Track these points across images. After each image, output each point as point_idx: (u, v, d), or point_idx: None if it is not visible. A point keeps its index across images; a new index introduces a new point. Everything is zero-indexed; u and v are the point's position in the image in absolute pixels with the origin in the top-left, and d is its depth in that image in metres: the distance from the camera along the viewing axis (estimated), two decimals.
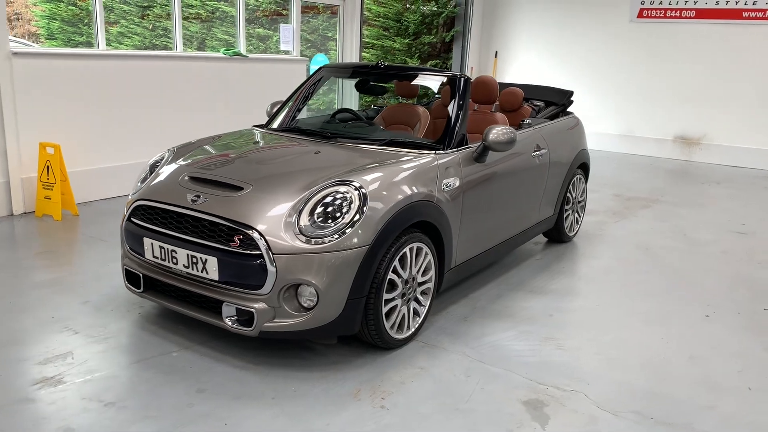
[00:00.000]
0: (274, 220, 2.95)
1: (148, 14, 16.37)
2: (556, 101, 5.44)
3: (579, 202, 5.48)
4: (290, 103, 4.50)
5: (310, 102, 4.73)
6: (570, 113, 5.51)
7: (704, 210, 6.83)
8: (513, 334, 3.60)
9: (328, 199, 3.04)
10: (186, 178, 3.33)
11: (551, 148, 4.74)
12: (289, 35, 7.95)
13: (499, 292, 4.22)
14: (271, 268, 2.87)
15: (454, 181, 3.59)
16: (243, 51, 7.41)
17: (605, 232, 5.80)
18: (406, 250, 3.23)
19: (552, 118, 5.21)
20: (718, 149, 9.95)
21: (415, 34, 11.88)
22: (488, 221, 4.02)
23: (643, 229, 5.93)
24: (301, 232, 2.93)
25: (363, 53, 12.28)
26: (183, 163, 3.54)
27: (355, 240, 2.95)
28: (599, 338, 3.61)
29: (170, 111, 6.39)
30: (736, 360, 3.42)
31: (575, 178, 5.28)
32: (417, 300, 3.43)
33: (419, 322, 3.46)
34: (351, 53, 8.98)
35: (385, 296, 3.14)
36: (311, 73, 8.69)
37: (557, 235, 5.28)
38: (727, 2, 9.63)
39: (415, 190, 3.29)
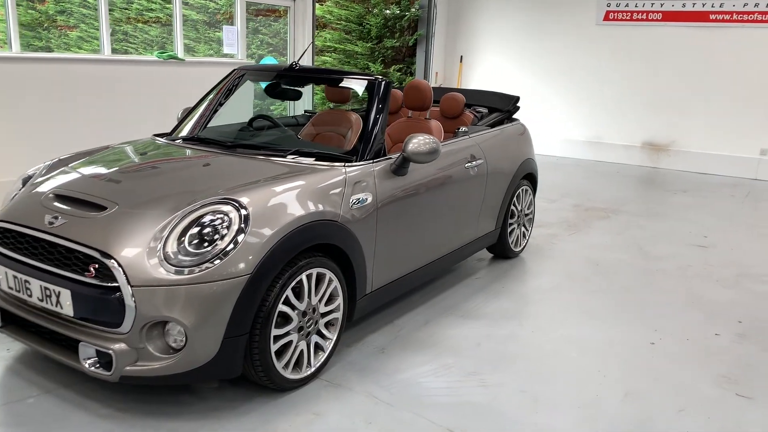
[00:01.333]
0: (137, 246, 2.53)
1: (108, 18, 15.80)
2: (501, 107, 5.07)
3: (526, 215, 5.12)
4: (201, 109, 4.09)
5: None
6: (516, 120, 5.14)
7: (666, 221, 6.49)
8: (432, 369, 3.21)
9: (205, 220, 2.63)
10: (50, 195, 2.91)
11: (490, 158, 4.37)
12: (233, 37, 7.54)
13: (427, 318, 3.82)
14: (129, 303, 2.45)
15: (366, 197, 3.20)
16: (180, 54, 6.98)
17: (557, 246, 5.43)
18: (303, 277, 2.83)
19: (495, 125, 4.85)
20: (687, 156, 9.66)
21: (378, 37, 11.50)
22: (412, 240, 3.63)
23: (597, 243, 5.57)
24: (167, 260, 2.51)
25: (324, 57, 11.89)
26: (53, 177, 3.11)
27: (233, 269, 2.54)
28: (527, 372, 3.23)
29: (82, 120, 5.89)
30: (678, 397, 3.05)
31: (520, 190, 4.91)
32: (320, 333, 3.03)
33: (323, 358, 3.05)
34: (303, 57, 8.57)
35: (276, 332, 2.73)
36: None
37: (501, 250, 4.91)
38: (694, 4, 9.36)
39: (314, 209, 2.89)
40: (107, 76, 6.06)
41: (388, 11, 11.29)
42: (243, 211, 2.64)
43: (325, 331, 3.05)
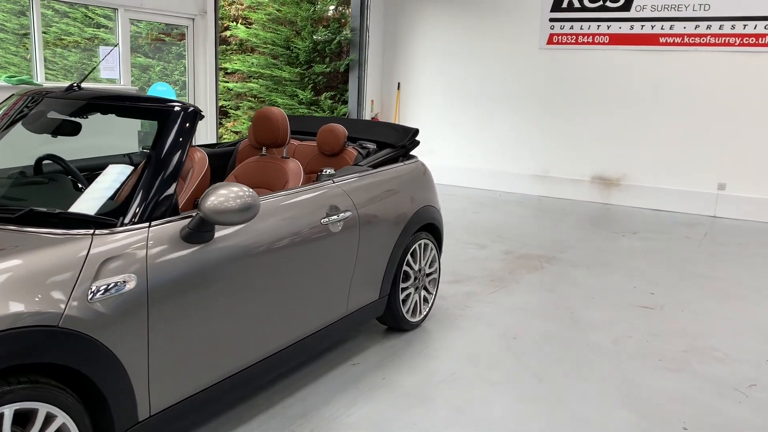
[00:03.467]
0: None
1: (26, 43, 14.71)
2: (394, 142, 4.09)
3: (428, 275, 4.10)
4: None
5: None
6: (413, 158, 4.16)
7: (608, 272, 5.54)
8: None
9: None
10: None
11: (366, 208, 3.36)
12: (113, 60, 6.49)
13: None
14: None
15: (124, 282, 2.14)
16: (37, 79, 5.91)
17: (470, 310, 4.42)
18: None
19: (384, 163, 3.86)
20: (639, 191, 8.81)
21: (307, 62, 10.56)
22: (227, 331, 2.57)
23: (520, 305, 4.57)
24: None
25: (251, 84, 10.90)
26: None
27: None
28: None
29: None
30: None
31: (417, 246, 3.90)
32: None
33: None
34: (205, 82, 7.57)
35: None
36: None
37: (394, 322, 3.88)
38: (642, 26, 8.59)
39: (19, 308, 1.84)
40: None
41: (317, 36, 10.37)
42: None
43: None
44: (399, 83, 10.47)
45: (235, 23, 11.48)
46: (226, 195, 2.33)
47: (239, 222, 2.40)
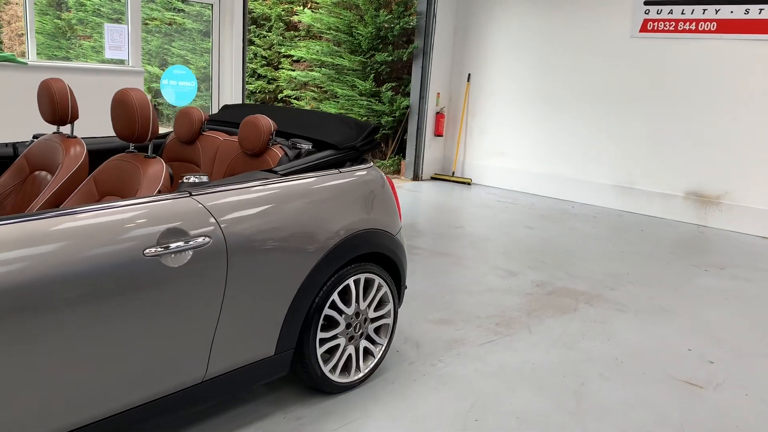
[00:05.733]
0: None
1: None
2: (338, 142, 3.09)
3: (373, 320, 3.10)
4: None
5: None
6: (366, 164, 3.15)
7: (662, 322, 4.22)
8: None
9: None
10: None
11: (243, 231, 2.42)
12: (121, 39, 5.94)
13: None
14: None
15: None
16: (27, 58, 5.44)
17: (442, 367, 3.35)
18: None
19: (318, 168, 2.89)
20: (744, 212, 7.16)
21: (370, 50, 9.68)
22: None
23: (515, 365, 3.44)
24: None
25: (312, 72, 10.19)
26: None
27: None
28: None
29: None
30: None
31: (353, 282, 2.90)
32: None
33: None
34: (232, 64, 6.88)
35: None
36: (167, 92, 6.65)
37: (311, 382, 2.91)
38: (761, 11, 6.93)
39: None
40: None
41: (380, 19, 9.44)
42: None
43: None
44: (469, 74, 9.33)
45: (302, 7, 10.82)
46: None
47: None
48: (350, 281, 2.90)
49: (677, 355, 3.72)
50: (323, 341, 2.87)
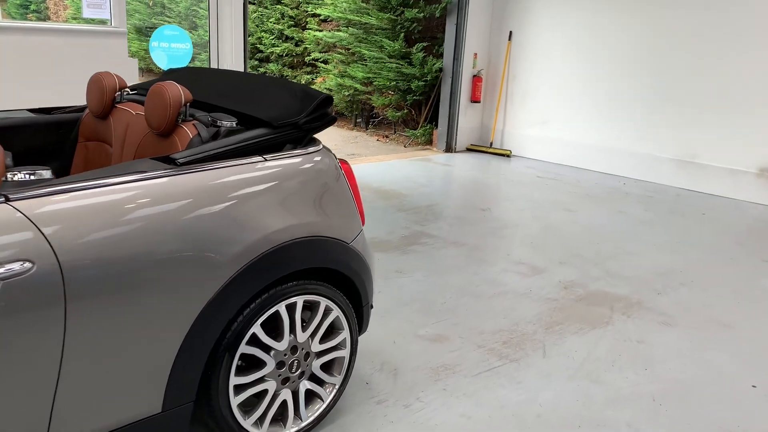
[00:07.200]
0: None
1: None
2: (272, 118, 2.31)
3: (319, 354, 2.35)
4: None
5: None
6: (314, 145, 2.37)
7: (721, 343, 3.33)
8: None
9: None
10: None
11: (94, 251, 1.70)
12: None
13: None
14: None
15: None
16: None
17: (417, 410, 2.59)
18: None
19: (241, 154, 2.14)
20: None
21: (400, 5, 8.76)
22: None
23: (513, 406, 2.64)
24: None
25: (339, 33, 9.37)
26: None
27: None
28: None
29: None
30: None
31: (285, 307, 2.16)
32: None
33: None
34: (231, 25, 6.14)
35: None
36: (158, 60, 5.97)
37: None
38: None
39: None
40: None
41: None
42: None
43: None
44: (510, 32, 8.32)
45: None
46: None
47: None
48: (280, 307, 2.16)
49: (737, 394, 2.85)
50: (242, 387, 2.15)
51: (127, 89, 2.82)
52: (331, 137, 9.24)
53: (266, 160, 2.16)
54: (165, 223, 1.84)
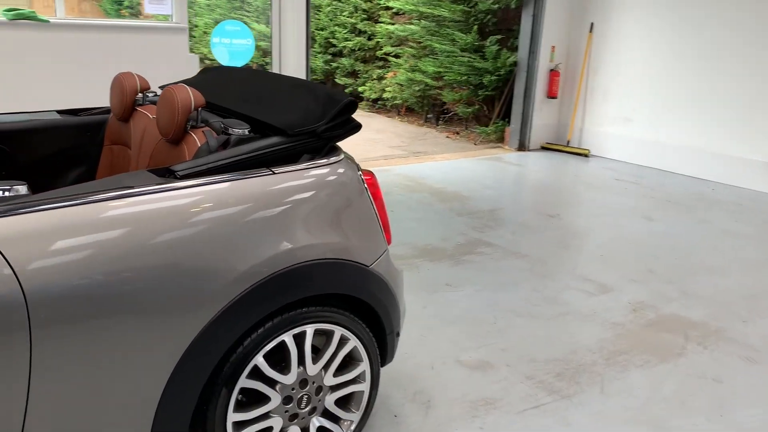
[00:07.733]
0: None
1: None
2: (287, 125, 2.09)
3: (334, 389, 2.12)
4: None
5: None
6: (336, 154, 2.13)
7: None
8: None
9: None
10: None
11: (65, 277, 1.54)
12: None
13: None
14: None
15: None
16: (55, 15, 4.90)
17: None
18: None
19: (248, 166, 1.94)
20: None
21: None
22: None
23: None
24: None
25: (410, 26, 9.10)
26: None
27: None
28: None
29: None
30: None
31: (290, 337, 1.94)
32: None
33: None
34: (294, 19, 5.99)
35: None
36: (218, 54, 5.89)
37: None
38: None
39: None
40: None
41: None
42: None
43: None
44: (592, 24, 7.78)
45: None
46: None
47: None
48: (286, 337, 1.94)
49: None
50: (243, 424, 1.94)
51: (154, 91, 2.68)
52: (399, 133, 8.99)
53: (274, 173, 1.94)
54: (150, 245, 1.65)
